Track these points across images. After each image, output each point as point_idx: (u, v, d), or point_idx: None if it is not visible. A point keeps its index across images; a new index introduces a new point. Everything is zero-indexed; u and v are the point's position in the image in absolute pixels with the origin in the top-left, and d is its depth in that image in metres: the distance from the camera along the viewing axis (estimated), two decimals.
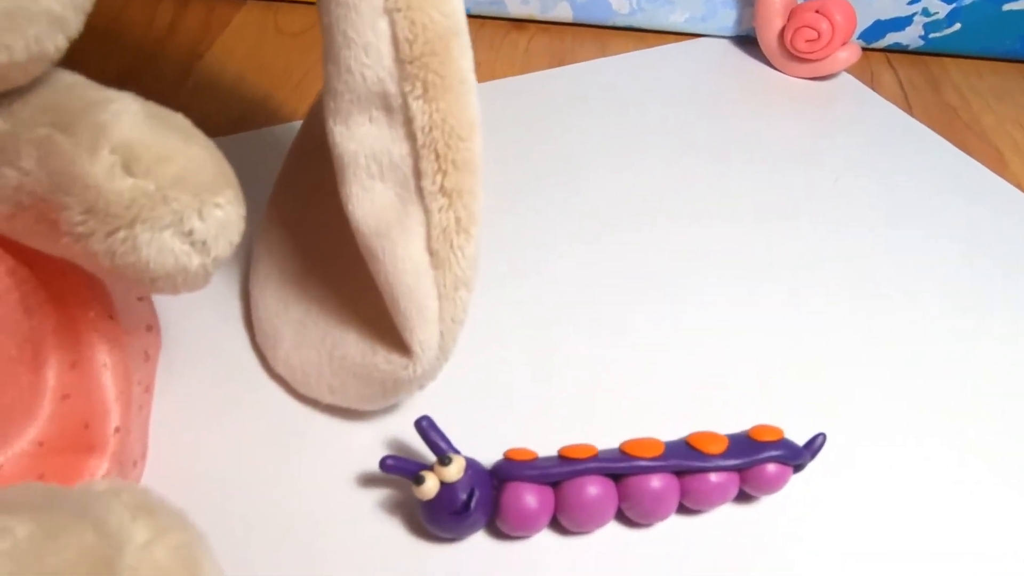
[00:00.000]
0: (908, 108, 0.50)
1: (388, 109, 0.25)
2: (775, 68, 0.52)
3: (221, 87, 0.47)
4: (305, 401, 0.30)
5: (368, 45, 0.24)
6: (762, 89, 0.50)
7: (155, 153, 0.20)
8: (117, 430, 0.25)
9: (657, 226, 0.40)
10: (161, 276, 0.21)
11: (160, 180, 0.20)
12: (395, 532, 0.27)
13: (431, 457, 0.27)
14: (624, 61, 0.53)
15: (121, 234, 0.20)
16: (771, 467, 0.27)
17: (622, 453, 0.26)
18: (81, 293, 0.26)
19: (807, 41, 0.48)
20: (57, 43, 0.20)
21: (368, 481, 0.28)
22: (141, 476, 0.27)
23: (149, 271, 0.21)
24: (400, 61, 0.24)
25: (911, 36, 0.54)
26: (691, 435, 0.27)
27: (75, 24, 0.20)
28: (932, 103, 0.51)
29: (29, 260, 0.24)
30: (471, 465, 0.26)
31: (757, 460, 0.26)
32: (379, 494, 0.28)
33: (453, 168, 0.25)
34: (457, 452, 0.26)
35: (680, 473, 0.26)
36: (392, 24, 0.23)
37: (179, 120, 0.22)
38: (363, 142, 0.25)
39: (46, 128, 0.20)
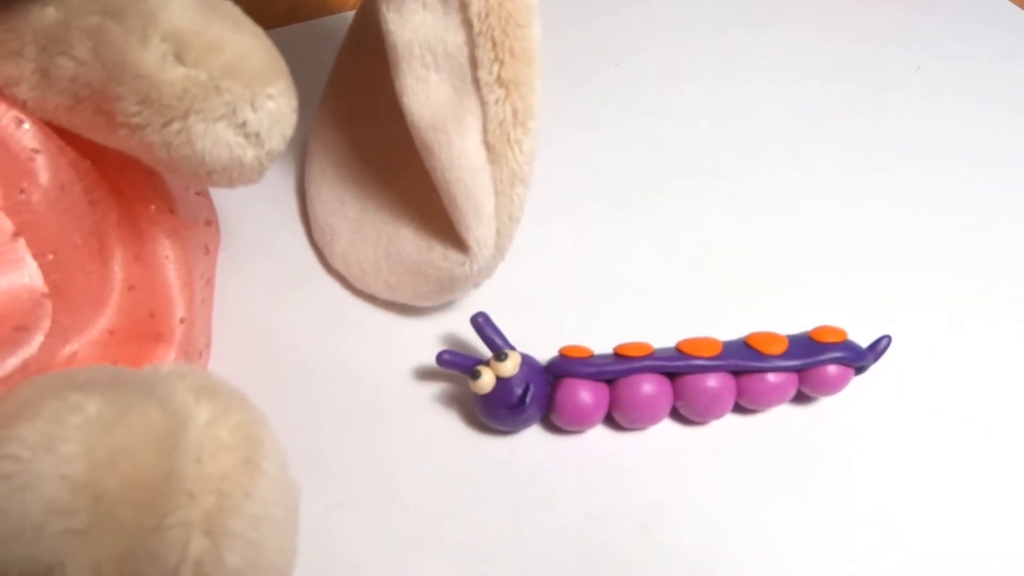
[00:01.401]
0: None
1: None
2: None
3: None
4: (363, 296, 0.30)
5: None
6: None
7: (205, 41, 0.20)
8: (182, 320, 0.25)
9: (718, 120, 0.39)
10: (216, 169, 0.21)
11: (212, 70, 0.20)
12: (451, 424, 0.27)
13: (487, 353, 0.27)
14: None
15: (175, 125, 0.20)
16: (832, 368, 0.26)
17: (679, 352, 0.26)
18: (141, 187, 0.26)
19: None
20: None
21: (425, 375, 0.28)
22: (205, 367, 0.28)
23: (205, 163, 0.21)
24: None
25: None
26: (750, 335, 0.27)
27: None
28: None
29: (91, 154, 0.24)
30: (526, 361, 0.26)
31: (818, 361, 0.26)
32: (436, 388, 0.28)
33: (510, 57, 0.24)
34: (512, 348, 0.26)
35: (737, 373, 0.26)
36: None
37: (228, 7, 0.21)
38: (417, 30, 0.24)
39: (97, 16, 0.20)
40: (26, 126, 0.22)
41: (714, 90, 0.40)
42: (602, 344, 0.27)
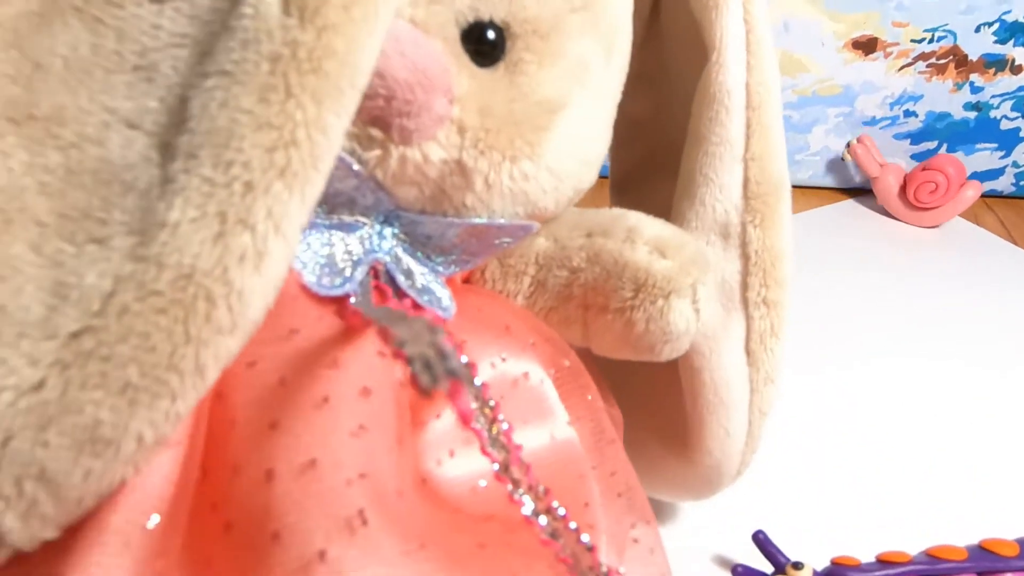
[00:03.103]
0: (1013, 241, 0.61)
1: (725, 235, 0.31)
2: (898, 219, 0.61)
3: None
4: None
5: (724, 185, 0.30)
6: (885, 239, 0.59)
7: (675, 242, 0.26)
8: None
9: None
10: (671, 338, 0.25)
11: (682, 261, 0.25)
12: None
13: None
14: None
15: (660, 303, 0.25)
16: None
17: (930, 557, 0.32)
18: None
19: (930, 193, 0.58)
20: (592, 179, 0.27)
21: None
22: None
23: (667, 333, 0.25)
24: (747, 198, 0.31)
25: (1004, 184, 0.65)
26: (984, 541, 0.34)
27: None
28: None
29: None
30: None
31: None
32: None
33: (775, 283, 0.31)
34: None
35: (981, 573, 0.33)
36: (746, 169, 0.30)
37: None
38: None
39: (584, 237, 0.26)
40: None
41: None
42: (856, 550, 0.32)
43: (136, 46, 0.18)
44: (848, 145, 0.62)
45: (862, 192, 0.66)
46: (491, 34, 0.24)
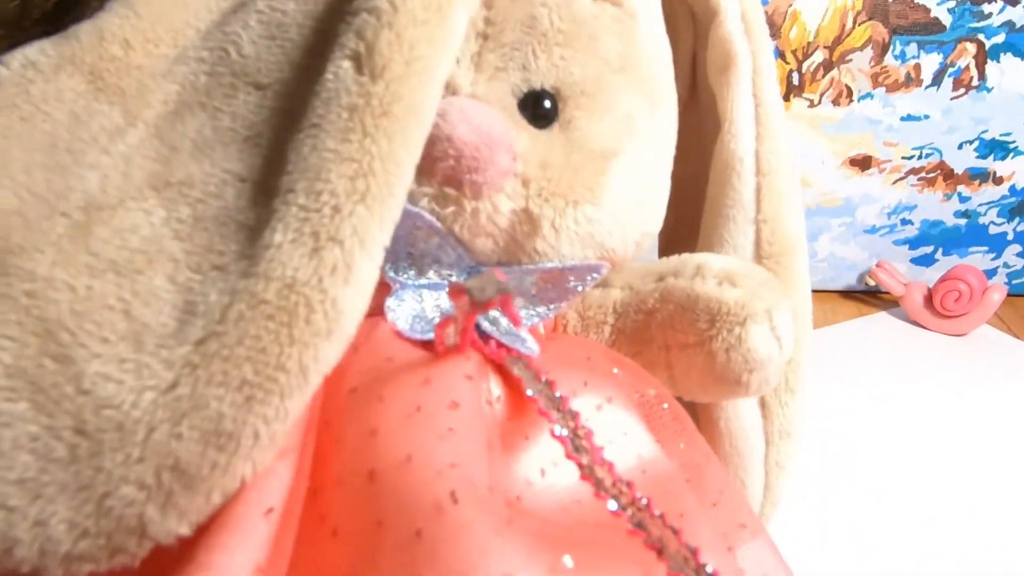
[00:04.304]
0: (1015, 335, 0.62)
1: None
2: (929, 329, 0.62)
3: None
4: None
5: (738, 246, 0.32)
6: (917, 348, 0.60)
7: (743, 271, 0.27)
8: None
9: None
10: (755, 367, 0.26)
11: (752, 287, 0.26)
12: None
13: None
14: None
15: (736, 331, 0.26)
16: None
17: None
18: None
19: (955, 301, 0.60)
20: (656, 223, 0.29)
21: None
22: None
23: (749, 362, 0.26)
24: (760, 257, 0.32)
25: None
26: None
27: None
28: None
29: None
30: None
31: None
32: None
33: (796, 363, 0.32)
34: None
35: None
36: (758, 231, 0.32)
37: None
38: None
39: (655, 282, 0.28)
40: None
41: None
42: None
43: (246, 122, 0.22)
44: (869, 271, 0.67)
45: (876, 296, 0.69)
46: (547, 103, 0.27)
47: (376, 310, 0.26)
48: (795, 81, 0.58)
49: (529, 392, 0.24)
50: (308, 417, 0.22)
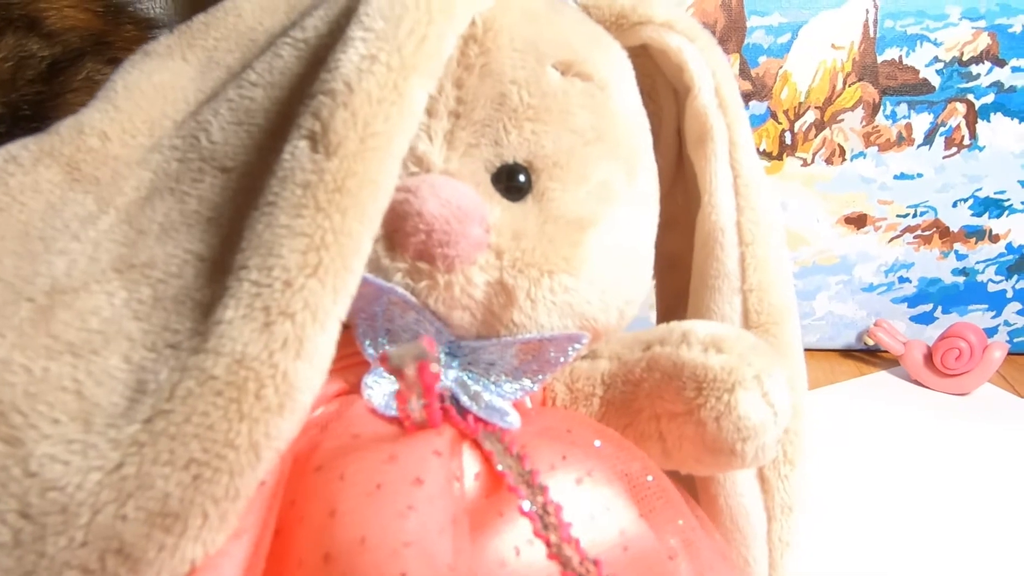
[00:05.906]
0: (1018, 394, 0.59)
1: None
2: (930, 388, 0.60)
3: None
4: None
5: (725, 316, 0.32)
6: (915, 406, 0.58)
7: (730, 336, 0.27)
8: None
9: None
10: (748, 435, 0.25)
11: (741, 352, 0.26)
12: None
13: None
14: None
15: (725, 397, 0.25)
16: None
17: None
18: None
19: (955, 359, 0.58)
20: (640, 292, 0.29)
21: None
22: None
23: (741, 430, 0.25)
24: (748, 326, 0.31)
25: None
26: None
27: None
28: None
29: None
30: None
31: None
32: None
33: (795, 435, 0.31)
34: None
35: None
36: (744, 300, 0.31)
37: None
38: None
39: (642, 351, 0.28)
40: None
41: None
42: None
43: (210, 204, 0.22)
44: (867, 330, 0.65)
45: (876, 355, 0.67)
46: (521, 177, 0.28)
47: (357, 388, 0.26)
48: (788, 141, 0.58)
49: (499, 467, 0.23)
50: (271, 495, 0.22)
